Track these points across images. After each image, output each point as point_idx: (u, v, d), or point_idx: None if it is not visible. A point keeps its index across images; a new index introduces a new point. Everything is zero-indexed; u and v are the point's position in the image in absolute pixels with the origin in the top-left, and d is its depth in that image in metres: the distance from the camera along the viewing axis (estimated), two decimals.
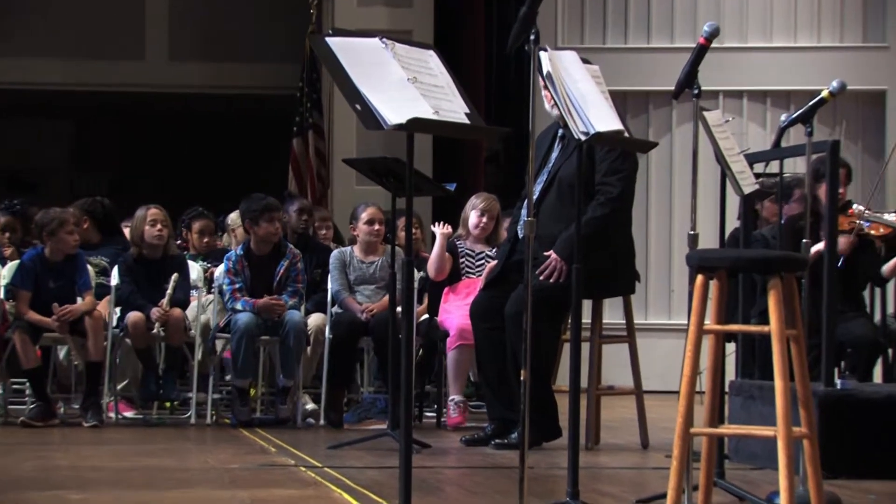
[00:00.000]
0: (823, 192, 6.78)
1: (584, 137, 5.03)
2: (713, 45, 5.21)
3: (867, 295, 8.44)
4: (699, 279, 4.38)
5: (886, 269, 8.23)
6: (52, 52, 14.19)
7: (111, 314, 8.65)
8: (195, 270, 9.00)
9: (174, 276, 8.58)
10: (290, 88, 12.98)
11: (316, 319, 8.69)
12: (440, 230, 8.55)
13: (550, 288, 6.95)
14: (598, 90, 5.17)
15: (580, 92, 5.06)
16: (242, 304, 8.53)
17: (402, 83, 4.56)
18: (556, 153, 7.23)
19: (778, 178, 6.57)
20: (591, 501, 5.16)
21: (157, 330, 8.52)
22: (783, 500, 4.17)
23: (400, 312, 5.02)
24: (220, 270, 8.82)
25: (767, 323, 4.28)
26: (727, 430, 5.05)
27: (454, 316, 8.38)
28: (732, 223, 7.23)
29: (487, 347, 7.32)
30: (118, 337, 8.64)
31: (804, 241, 5.76)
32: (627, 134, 5.39)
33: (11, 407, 8.81)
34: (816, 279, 6.32)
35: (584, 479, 5.13)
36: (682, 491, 4.39)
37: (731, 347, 7.10)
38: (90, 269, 8.67)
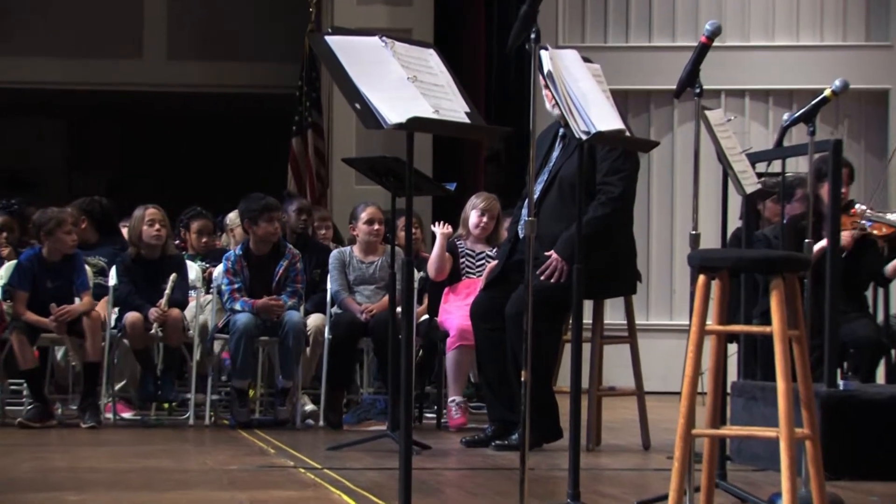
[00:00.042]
0: (826, 191, 6.80)
1: (585, 137, 5.02)
2: (715, 43, 5.21)
3: (870, 295, 8.43)
4: (701, 279, 4.37)
5: (889, 268, 8.21)
6: (50, 51, 14.19)
7: (109, 314, 8.63)
8: (193, 270, 9.00)
9: (172, 276, 8.57)
10: (289, 87, 12.97)
11: (315, 320, 8.67)
12: (440, 230, 8.54)
13: (551, 288, 6.94)
14: (599, 89, 5.15)
15: (581, 91, 5.05)
16: (241, 304, 8.51)
17: (401, 82, 4.55)
18: (556, 152, 7.23)
19: (780, 177, 6.58)
20: (591, 503, 5.15)
21: (155, 330, 8.51)
22: (785, 501, 4.16)
23: (400, 313, 5.03)
24: (218, 270, 8.80)
25: (769, 323, 4.27)
26: (729, 431, 5.05)
27: (454, 316, 8.37)
28: (734, 223, 7.22)
29: (488, 348, 7.32)
30: (116, 337, 8.63)
31: (806, 240, 5.77)
32: (629, 133, 5.38)
33: (9, 408, 8.80)
34: (819, 279, 6.33)
35: (585, 480, 5.11)
36: (683, 492, 4.38)
37: (733, 348, 7.12)
38: (88, 269, 8.66)
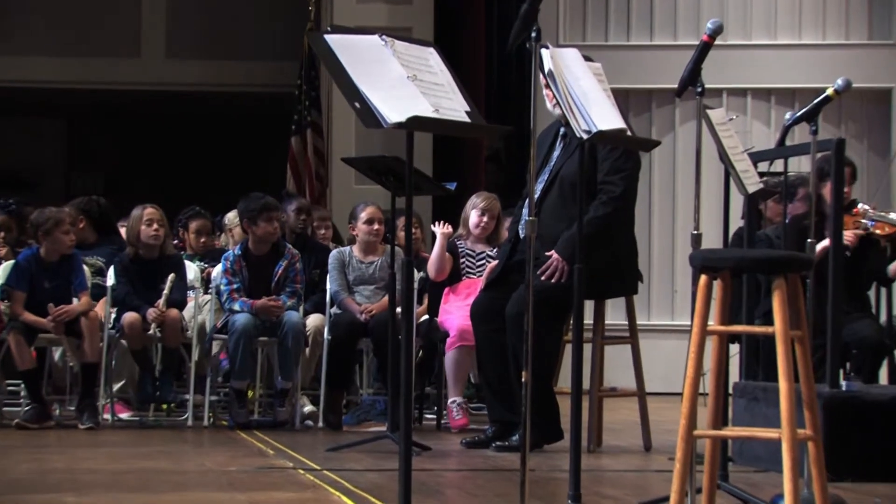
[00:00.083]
0: (828, 191, 6.80)
1: (586, 136, 5.01)
2: (717, 42, 5.19)
3: (873, 295, 8.41)
4: (703, 279, 4.36)
5: (892, 268, 8.19)
6: (48, 50, 14.18)
7: (107, 315, 8.60)
8: (192, 271, 9.00)
9: (170, 276, 8.56)
10: (288, 86, 12.97)
11: (314, 320, 8.66)
12: (440, 230, 8.53)
13: (552, 288, 6.93)
14: (600, 88, 5.14)
15: (582, 90, 5.04)
16: (240, 304, 8.50)
17: (401, 81, 4.55)
18: (557, 152, 7.22)
19: (782, 176, 6.58)
20: None
21: (153, 331, 8.49)
22: (787, 503, 4.15)
23: (399, 313, 5.03)
24: (217, 270, 8.79)
25: (772, 324, 4.25)
26: (731, 432, 5.03)
27: (454, 316, 8.36)
28: (736, 223, 7.21)
29: (488, 348, 7.30)
30: (114, 338, 8.60)
31: (809, 240, 5.76)
32: (630, 132, 5.37)
33: (6, 409, 8.79)
34: (821, 279, 6.33)
35: (586, 481, 5.11)
36: (685, 494, 4.36)
37: (734, 349, 7.09)
38: (86, 269, 8.64)
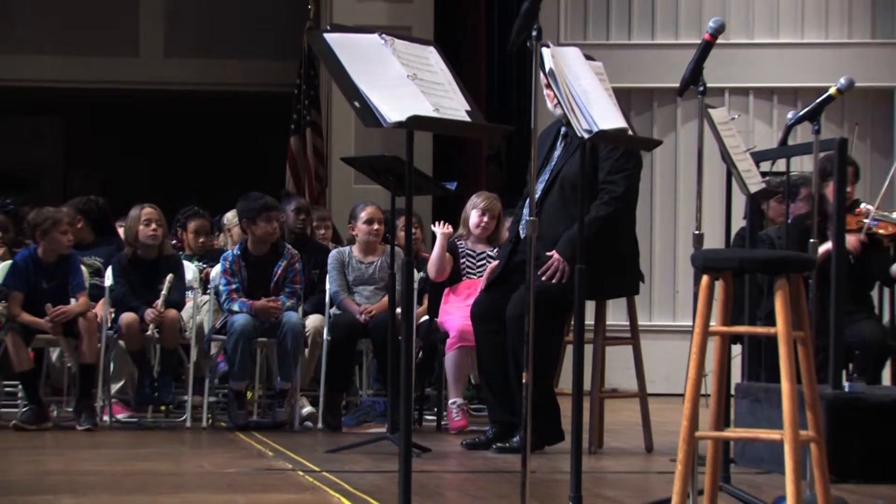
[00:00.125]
0: (831, 190, 6.81)
1: (587, 135, 5.00)
2: (719, 41, 5.18)
3: (876, 295, 8.38)
4: (704, 280, 4.36)
5: None
6: (45, 49, 14.17)
7: (106, 315, 8.58)
8: (190, 271, 8.99)
9: (169, 276, 8.55)
10: (287, 86, 12.96)
11: (314, 321, 8.64)
12: (441, 230, 8.52)
13: (553, 289, 6.91)
14: (601, 87, 5.13)
15: (583, 89, 5.03)
16: (239, 305, 8.48)
17: (401, 80, 4.56)
18: (558, 151, 7.21)
19: (785, 176, 6.56)
20: None
21: (151, 332, 8.47)
22: None
23: (399, 314, 5.03)
24: (216, 271, 8.77)
25: (774, 324, 4.24)
26: (733, 433, 5.02)
27: (454, 317, 8.35)
28: (738, 223, 7.19)
29: (488, 349, 7.29)
30: (112, 339, 8.58)
31: (811, 240, 5.75)
32: (631, 132, 5.37)
33: (3, 410, 8.84)
34: (824, 280, 6.31)
35: (587, 483, 5.11)
36: (687, 496, 4.35)
37: (737, 349, 7.08)
38: (84, 269, 8.62)
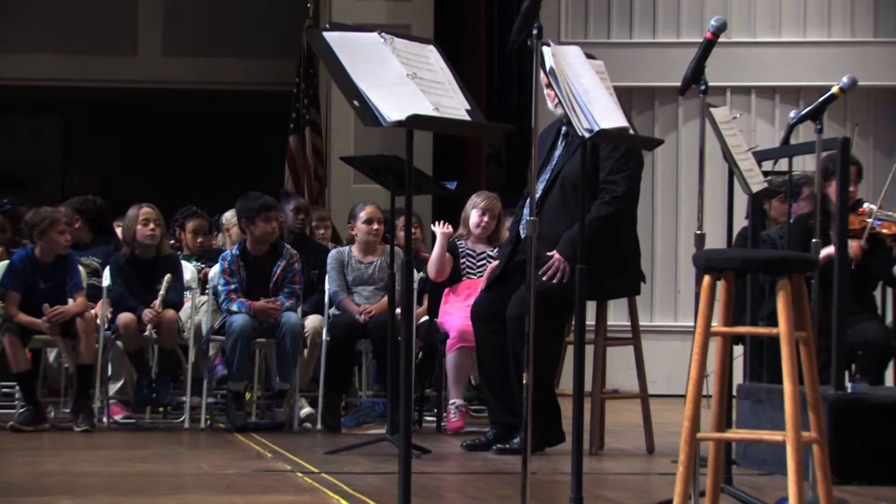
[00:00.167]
0: (833, 190, 6.80)
1: (587, 135, 5.00)
2: (720, 39, 5.18)
3: (878, 296, 8.37)
4: (706, 280, 4.35)
5: None
6: (43, 48, 14.15)
7: (104, 316, 8.56)
8: (189, 271, 8.97)
9: (167, 276, 8.53)
10: (286, 85, 12.95)
11: (313, 321, 8.62)
12: (440, 230, 8.50)
13: (553, 289, 6.90)
14: (602, 86, 5.13)
15: (584, 88, 5.03)
16: (238, 305, 8.46)
17: (401, 79, 4.56)
18: (559, 151, 7.20)
19: (787, 176, 6.55)
20: None
21: (148, 332, 8.44)
22: None
23: (399, 314, 5.02)
24: (214, 271, 8.75)
25: (776, 325, 4.24)
26: (735, 434, 5.01)
27: (454, 317, 8.33)
28: (740, 223, 7.18)
29: (489, 350, 7.28)
30: (109, 339, 8.55)
31: (813, 240, 5.75)
32: (632, 131, 5.36)
33: (0, 411, 8.80)
34: (826, 280, 6.31)
35: (587, 484, 5.10)
36: (688, 497, 4.34)
37: (738, 350, 7.06)
38: (81, 269, 8.61)
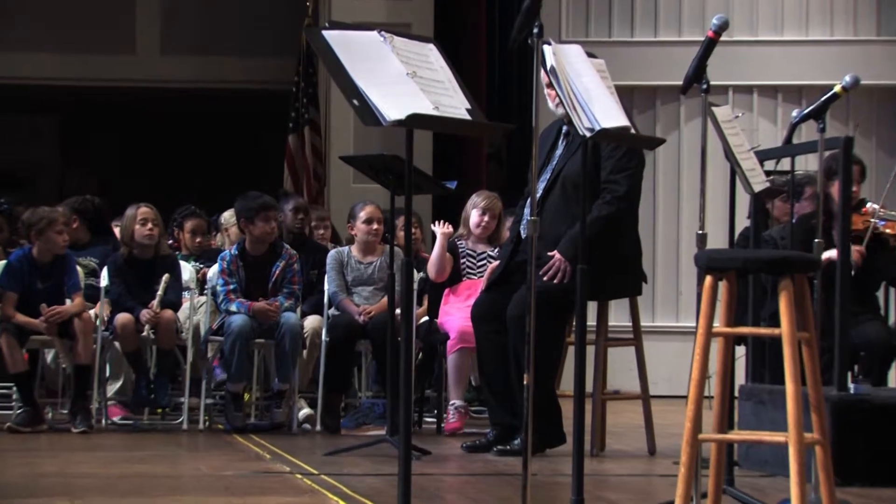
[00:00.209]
0: (836, 190, 6.79)
1: (588, 134, 4.99)
2: (722, 38, 5.18)
3: (881, 296, 8.36)
4: (708, 280, 4.35)
5: None
6: (41, 46, 14.16)
7: (101, 317, 8.54)
8: (187, 271, 8.96)
9: (165, 276, 8.51)
10: (285, 83, 12.96)
11: (312, 322, 8.61)
12: (441, 229, 8.48)
13: (554, 289, 6.88)
14: (603, 85, 5.12)
15: (585, 87, 5.03)
16: (237, 305, 8.44)
17: (401, 78, 4.55)
18: (560, 150, 7.20)
19: (789, 175, 6.54)
20: None
21: (146, 332, 8.42)
22: None
23: (399, 314, 5.00)
24: (213, 271, 8.73)
25: (778, 325, 4.23)
26: (737, 435, 5.01)
27: (455, 318, 8.32)
28: (742, 222, 7.16)
29: (489, 350, 7.27)
30: (107, 340, 8.53)
31: (816, 240, 5.74)
32: (634, 130, 5.35)
33: None
34: (829, 280, 6.30)
35: (589, 486, 5.09)
36: (690, 499, 4.35)
37: (740, 350, 7.04)
38: (79, 269, 8.59)
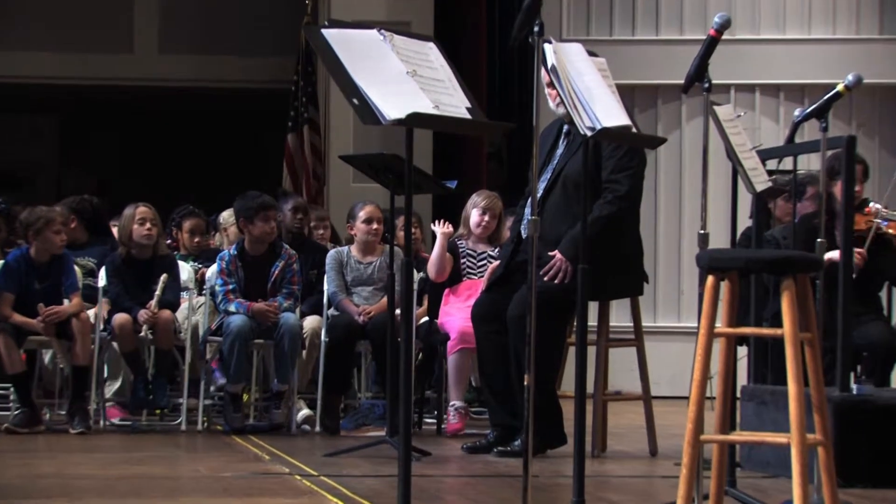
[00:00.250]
0: (839, 189, 6.78)
1: (590, 133, 4.99)
2: (724, 36, 5.18)
3: (884, 296, 8.35)
4: (710, 280, 4.35)
5: None
6: (38, 45, 14.18)
7: (99, 316, 8.52)
8: (185, 271, 8.94)
9: (163, 276, 8.49)
10: (284, 82, 12.96)
11: (312, 322, 8.59)
12: (441, 229, 8.47)
13: (555, 289, 6.86)
14: (604, 84, 5.11)
15: (586, 86, 5.02)
16: (236, 305, 8.42)
17: (400, 76, 4.55)
18: (560, 149, 7.19)
19: (791, 175, 6.54)
20: None
21: (144, 333, 8.39)
22: None
23: (399, 315, 4.99)
24: (212, 271, 8.72)
25: (780, 326, 4.23)
26: (739, 436, 5.01)
27: (455, 318, 8.30)
28: (744, 222, 7.13)
29: (489, 351, 7.25)
30: (105, 340, 8.51)
31: (819, 240, 5.74)
32: (635, 129, 5.35)
33: None
34: (831, 280, 6.30)
35: (590, 487, 5.08)
36: (691, 500, 4.36)
37: (742, 351, 7.03)
38: (77, 270, 8.58)
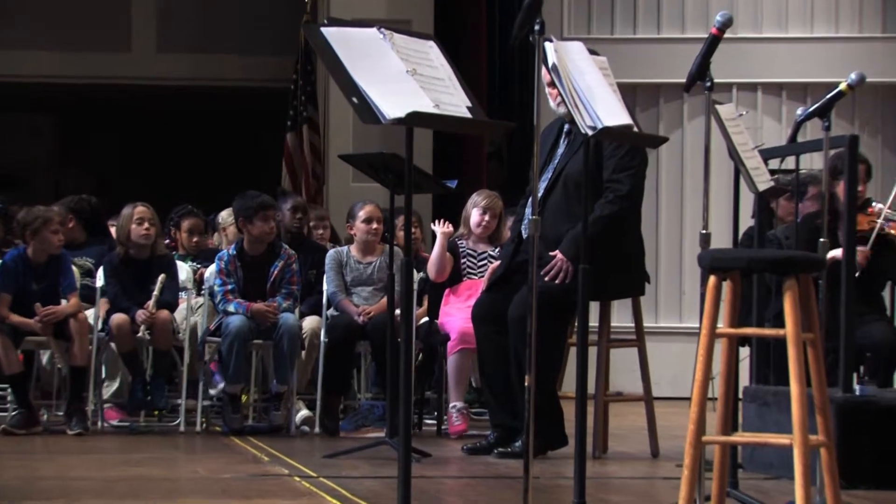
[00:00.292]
0: (842, 189, 6.78)
1: (591, 132, 4.98)
2: (726, 35, 5.19)
3: (887, 296, 8.34)
4: (712, 280, 4.35)
5: None
6: (36, 44, 14.20)
7: (97, 317, 8.50)
8: (184, 271, 8.94)
9: (161, 277, 8.48)
10: (283, 81, 12.96)
11: (311, 322, 8.58)
12: (441, 229, 8.46)
13: (556, 289, 6.85)
14: (605, 83, 5.11)
15: (587, 85, 5.02)
16: (235, 306, 8.41)
17: (400, 75, 4.55)
18: (561, 149, 7.18)
19: (794, 174, 6.53)
20: None
21: (142, 333, 8.38)
22: None
23: (399, 315, 5.00)
24: (211, 271, 8.71)
25: (783, 326, 4.24)
26: (741, 438, 5.01)
27: (455, 319, 8.29)
28: (746, 222, 7.15)
29: (490, 352, 7.25)
30: (103, 340, 8.50)
31: (821, 240, 5.74)
32: (637, 128, 5.36)
33: None
34: (834, 280, 6.27)
35: (591, 489, 5.07)
36: (693, 501, 4.38)
37: (744, 352, 7.03)
38: (75, 270, 8.55)
